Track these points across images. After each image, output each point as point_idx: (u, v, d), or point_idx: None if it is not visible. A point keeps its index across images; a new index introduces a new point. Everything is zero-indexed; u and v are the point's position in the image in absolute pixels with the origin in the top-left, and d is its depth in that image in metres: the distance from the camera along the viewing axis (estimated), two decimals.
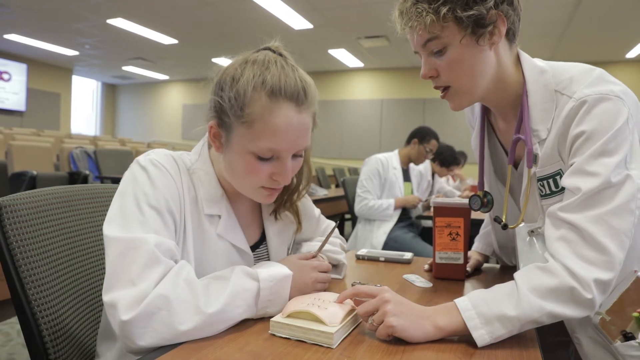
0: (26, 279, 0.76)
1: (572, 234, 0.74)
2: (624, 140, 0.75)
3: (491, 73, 0.86)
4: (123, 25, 7.69)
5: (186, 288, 0.69)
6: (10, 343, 2.12)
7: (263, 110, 0.73)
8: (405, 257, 1.27)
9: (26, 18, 7.63)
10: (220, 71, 0.80)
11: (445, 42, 0.83)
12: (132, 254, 0.68)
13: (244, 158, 0.77)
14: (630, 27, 6.80)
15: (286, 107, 0.74)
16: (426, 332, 0.70)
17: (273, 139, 0.74)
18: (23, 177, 2.98)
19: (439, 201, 1.09)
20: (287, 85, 0.74)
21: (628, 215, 0.73)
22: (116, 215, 0.72)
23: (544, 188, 0.87)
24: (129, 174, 0.77)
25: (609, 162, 0.74)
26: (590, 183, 0.74)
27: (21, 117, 10.69)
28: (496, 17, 0.81)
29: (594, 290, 0.70)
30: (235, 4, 6.48)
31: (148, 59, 10.27)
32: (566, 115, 0.80)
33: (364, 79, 10.63)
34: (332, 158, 10.36)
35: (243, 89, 0.74)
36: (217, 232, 0.83)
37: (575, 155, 0.78)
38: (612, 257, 0.71)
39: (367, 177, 2.84)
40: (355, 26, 7.28)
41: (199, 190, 0.83)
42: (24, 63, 10.53)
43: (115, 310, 0.64)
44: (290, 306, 0.74)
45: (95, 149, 5.16)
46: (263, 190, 0.81)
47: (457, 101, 0.90)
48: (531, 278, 0.73)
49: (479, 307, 0.71)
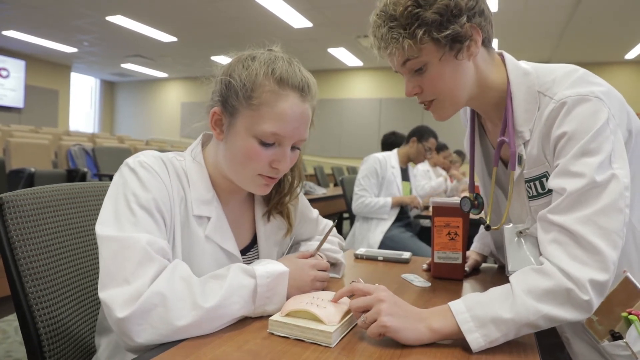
0: (24, 272, 0.76)
1: (563, 237, 0.74)
2: (605, 140, 0.75)
3: (472, 82, 0.88)
4: (122, 23, 7.67)
5: (183, 284, 0.69)
6: (8, 340, 2.12)
7: (271, 95, 0.77)
8: (404, 257, 1.28)
9: (24, 14, 7.60)
10: (230, 61, 0.83)
11: (424, 61, 0.84)
12: (125, 252, 0.68)
13: (247, 142, 0.78)
14: (629, 28, 6.81)
15: (292, 95, 0.78)
16: (420, 335, 0.69)
17: (278, 124, 0.77)
18: (21, 174, 2.97)
19: (438, 201, 1.09)
20: (294, 76, 0.79)
21: (617, 214, 0.73)
22: (108, 216, 0.73)
23: (532, 190, 0.88)
24: (118, 177, 0.77)
25: (591, 161, 0.74)
26: (574, 183, 0.74)
27: (19, 114, 10.66)
28: (471, 30, 0.83)
29: (590, 292, 0.69)
30: (234, 2, 6.47)
31: (147, 57, 10.25)
32: (547, 117, 0.81)
33: (363, 77, 10.63)
34: (330, 157, 10.36)
35: (254, 72, 0.78)
36: (205, 233, 0.83)
37: (559, 157, 0.79)
38: (604, 257, 0.70)
39: (364, 176, 2.85)
40: (354, 25, 7.27)
41: (189, 191, 0.83)
42: (22, 60, 10.49)
43: (110, 308, 0.65)
44: (289, 305, 0.74)
45: (94, 146, 5.14)
46: (260, 179, 0.82)
47: (441, 112, 0.91)
48: (527, 280, 0.72)
49: (473, 309, 0.70)
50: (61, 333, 0.80)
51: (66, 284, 0.85)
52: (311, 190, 3.81)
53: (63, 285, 0.84)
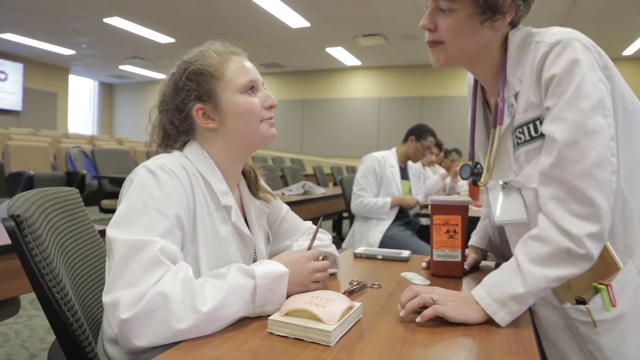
0: (49, 281, 0.74)
1: (563, 193, 0.79)
2: (593, 87, 0.78)
3: (481, 47, 0.91)
4: (120, 24, 7.66)
5: (184, 287, 0.69)
6: (8, 344, 2.12)
7: (226, 62, 0.92)
8: (403, 255, 1.28)
9: (22, 17, 7.59)
10: (175, 69, 0.96)
11: (454, 7, 0.85)
12: (135, 256, 0.69)
13: (238, 100, 0.90)
14: (627, 24, 6.82)
15: (235, 56, 0.95)
16: (479, 315, 0.77)
17: (245, 73, 0.92)
18: (20, 178, 2.97)
19: (436, 199, 1.09)
20: (226, 47, 0.96)
21: (608, 165, 0.77)
22: (122, 218, 0.73)
23: (523, 135, 0.89)
24: (137, 179, 0.78)
25: (580, 107, 0.77)
26: (564, 130, 0.78)
27: (18, 116, 10.65)
28: (508, 8, 0.85)
29: (587, 245, 0.75)
30: (232, 3, 6.47)
31: (145, 58, 10.24)
32: (539, 60, 0.83)
33: (361, 77, 10.63)
34: (329, 156, 10.37)
35: (205, 56, 0.93)
36: (232, 221, 0.91)
37: (550, 99, 0.81)
38: (599, 208, 0.76)
39: (363, 175, 2.84)
40: (352, 24, 7.27)
41: (208, 188, 0.89)
42: (21, 62, 10.49)
43: (115, 309, 0.66)
44: (288, 304, 0.74)
45: (93, 148, 5.13)
46: (265, 124, 0.93)
47: (441, 57, 0.92)
48: (529, 251, 0.79)
49: (493, 293, 0.78)
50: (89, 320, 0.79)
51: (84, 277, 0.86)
52: (310, 190, 3.80)
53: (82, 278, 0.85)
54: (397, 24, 7.11)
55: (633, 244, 0.85)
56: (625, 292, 0.83)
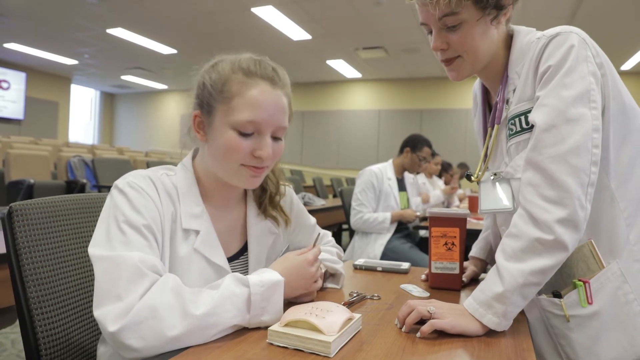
0: (27, 279, 0.78)
1: (536, 177, 0.79)
2: (581, 77, 0.79)
3: (493, 47, 0.92)
4: (122, 35, 7.74)
5: (173, 295, 0.70)
6: (4, 353, 2.10)
7: (241, 86, 0.81)
8: (403, 267, 1.28)
9: (25, 27, 7.67)
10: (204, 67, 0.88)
11: (462, 19, 0.87)
12: (117, 270, 0.70)
13: (226, 134, 0.81)
14: (625, 40, 6.89)
15: (262, 83, 0.82)
16: (477, 327, 0.77)
17: (252, 111, 0.80)
18: (20, 186, 2.97)
19: (435, 211, 1.10)
20: (261, 67, 0.83)
21: (586, 154, 0.77)
22: (100, 238, 0.74)
23: (515, 126, 0.90)
24: (109, 200, 0.79)
25: (564, 95, 0.78)
26: (543, 115, 0.79)
27: (19, 125, 10.69)
28: (510, 0, 0.88)
29: (556, 230, 0.75)
30: (234, 15, 6.54)
31: (147, 69, 10.31)
32: (538, 52, 0.85)
33: (361, 89, 10.70)
34: (329, 168, 10.38)
35: (223, 69, 0.83)
36: (194, 246, 0.84)
37: (541, 89, 0.83)
38: (570, 193, 0.76)
39: (361, 190, 2.84)
40: (353, 37, 7.34)
41: (179, 206, 0.84)
42: (23, 72, 10.56)
43: (103, 324, 0.66)
44: (288, 315, 0.74)
45: (93, 157, 5.15)
46: (245, 170, 0.84)
47: (460, 71, 0.94)
48: (505, 248, 0.80)
49: (478, 297, 0.79)
50: (61, 342, 0.81)
51: (69, 294, 0.86)
52: (310, 202, 3.81)
53: (66, 294, 0.85)
54: (397, 38, 7.19)
55: (618, 246, 0.84)
56: (604, 292, 0.83)
